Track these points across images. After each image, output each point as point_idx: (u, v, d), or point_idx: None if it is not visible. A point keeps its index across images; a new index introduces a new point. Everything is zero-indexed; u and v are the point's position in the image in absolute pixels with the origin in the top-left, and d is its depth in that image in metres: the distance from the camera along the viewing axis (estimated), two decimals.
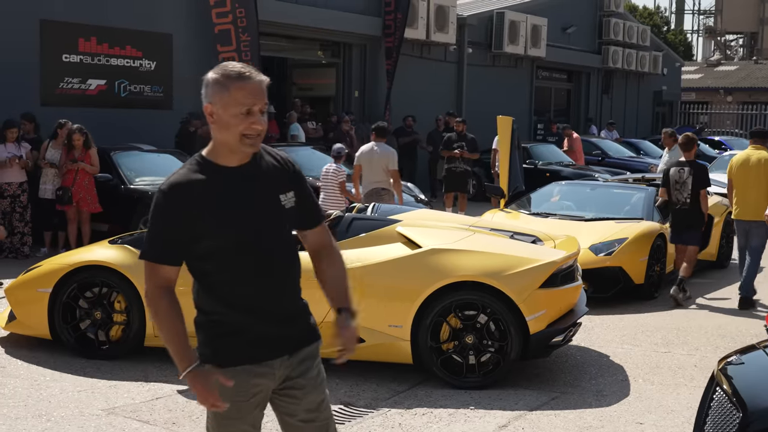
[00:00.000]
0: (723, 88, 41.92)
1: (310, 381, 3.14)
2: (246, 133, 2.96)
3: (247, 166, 3.05)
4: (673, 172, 9.82)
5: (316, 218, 3.25)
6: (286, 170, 3.14)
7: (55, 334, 6.98)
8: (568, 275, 6.63)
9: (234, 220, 3.00)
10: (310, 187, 3.25)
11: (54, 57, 13.90)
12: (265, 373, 3.07)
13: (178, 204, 2.97)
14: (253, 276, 3.02)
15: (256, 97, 2.97)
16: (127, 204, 11.68)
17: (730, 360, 3.88)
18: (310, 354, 3.16)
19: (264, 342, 3.06)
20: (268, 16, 16.31)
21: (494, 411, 5.87)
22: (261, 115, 2.99)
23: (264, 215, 3.05)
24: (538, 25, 24.84)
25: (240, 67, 2.99)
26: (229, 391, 3.01)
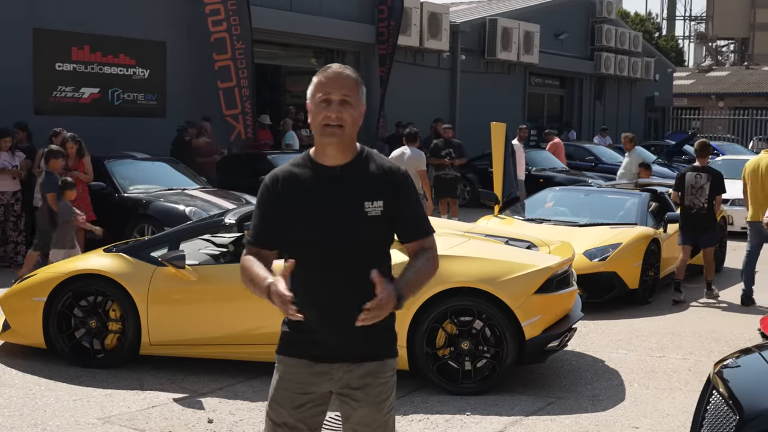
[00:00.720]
0: (714, 94, 42.08)
1: (369, 397, 3.10)
2: (324, 122, 3.01)
3: (343, 167, 3.07)
4: (689, 177, 10.10)
5: (411, 234, 3.18)
6: (383, 179, 3.08)
7: (50, 343, 6.96)
8: (563, 281, 6.64)
9: (310, 218, 3.04)
10: (415, 203, 3.17)
11: (47, 66, 13.90)
12: (323, 373, 3.08)
13: (271, 194, 3.10)
14: (320, 277, 3.03)
15: (333, 86, 3.00)
16: (121, 212, 11.66)
17: (727, 363, 3.89)
18: (374, 370, 3.12)
19: (325, 345, 3.06)
20: (261, 23, 16.34)
21: (490, 417, 5.87)
22: (341, 106, 3.00)
23: (341, 219, 3.04)
24: (531, 32, 24.92)
25: (335, 64, 3.09)
26: (286, 379, 3.09)
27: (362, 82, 3.13)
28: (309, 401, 3.12)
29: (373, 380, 3.12)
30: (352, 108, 3.03)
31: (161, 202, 11.51)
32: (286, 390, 3.11)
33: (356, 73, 3.09)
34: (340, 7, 19.09)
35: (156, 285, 6.78)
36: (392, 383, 3.20)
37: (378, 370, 3.13)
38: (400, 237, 3.19)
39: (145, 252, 7.07)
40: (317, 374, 3.09)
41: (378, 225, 3.06)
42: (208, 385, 6.47)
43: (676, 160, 24.26)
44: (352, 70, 3.10)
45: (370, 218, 3.04)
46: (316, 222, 3.04)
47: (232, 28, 15.37)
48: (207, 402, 6.11)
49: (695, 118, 39.32)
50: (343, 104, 3.01)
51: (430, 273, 3.22)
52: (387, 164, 3.13)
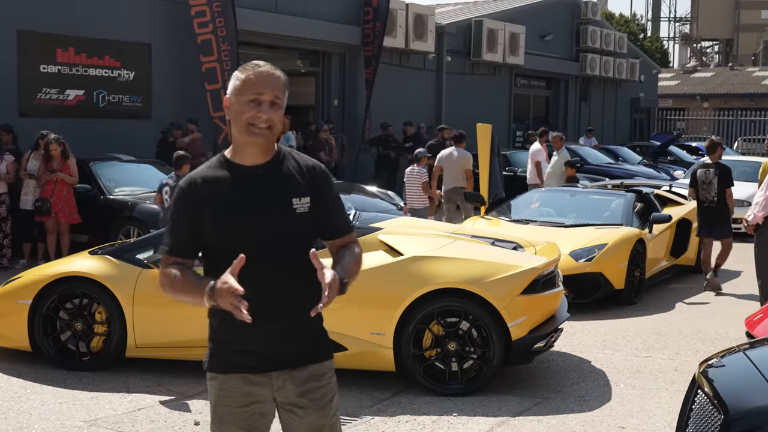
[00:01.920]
0: (699, 95, 42.29)
1: (314, 402, 3.03)
2: (251, 122, 2.94)
3: (264, 165, 3.01)
4: (700, 173, 10.79)
5: (337, 230, 3.13)
6: (306, 175, 3.04)
7: (35, 346, 6.93)
8: (549, 281, 6.66)
9: (237, 220, 2.95)
10: (336, 198, 3.12)
11: (32, 67, 13.82)
12: (261, 382, 3.00)
13: (189, 199, 2.99)
14: (250, 280, 2.83)
15: (265, 86, 2.94)
16: (107, 214, 11.64)
17: (711, 363, 3.91)
18: (316, 373, 3.04)
19: (259, 352, 2.98)
20: (247, 25, 16.30)
21: (477, 417, 5.88)
22: (271, 107, 2.94)
23: (270, 218, 2.97)
24: (516, 33, 24.96)
25: (261, 62, 3.02)
26: (224, 396, 3.01)
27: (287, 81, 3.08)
28: (254, 413, 3.02)
29: (315, 383, 3.04)
30: (279, 110, 2.98)
31: (147, 205, 11.48)
32: (228, 407, 3.01)
33: (284, 74, 3.04)
34: (325, 9, 19.07)
35: (142, 287, 6.77)
36: (333, 384, 3.11)
37: (318, 373, 3.05)
38: (324, 234, 3.11)
39: (131, 254, 7.06)
40: (256, 384, 3.00)
41: (306, 221, 3.01)
42: (195, 388, 6.45)
43: (661, 160, 24.37)
44: (280, 70, 3.04)
45: (299, 215, 2.98)
46: (243, 224, 2.94)
47: (217, 29, 15.33)
48: (193, 404, 6.10)
49: (680, 119, 39.50)
50: (272, 105, 2.95)
51: (359, 266, 3.11)
52: (307, 161, 3.09)
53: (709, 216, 10.70)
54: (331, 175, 3.14)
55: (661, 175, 21.29)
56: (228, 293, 2.76)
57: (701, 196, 10.76)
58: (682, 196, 12.63)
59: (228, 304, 2.78)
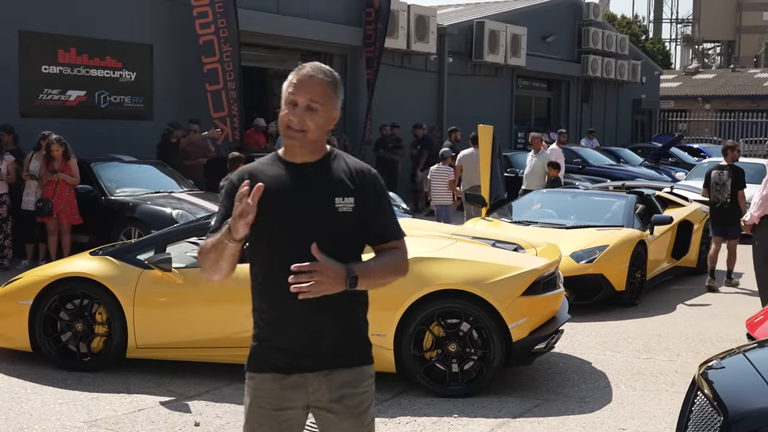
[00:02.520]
0: (701, 96, 42.28)
1: (348, 409, 2.97)
2: (287, 124, 2.94)
3: (314, 164, 3.00)
4: (714, 174, 11.04)
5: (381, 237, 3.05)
6: (355, 177, 3.00)
7: (36, 347, 6.93)
8: (550, 283, 6.66)
9: (280, 215, 2.94)
10: (384, 204, 3.05)
11: (33, 68, 13.83)
12: (297, 384, 2.96)
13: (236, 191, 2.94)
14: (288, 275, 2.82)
15: (302, 89, 2.92)
16: (108, 215, 11.64)
17: (711, 365, 3.91)
18: (351, 379, 2.99)
19: (294, 350, 2.95)
20: (248, 26, 16.30)
21: (478, 419, 5.88)
22: (307, 111, 2.91)
23: (311, 215, 2.94)
24: (518, 35, 24.96)
25: (313, 63, 2.99)
26: (259, 396, 2.99)
27: (338, 84, 3.01)
28: (288, 418, 2.99)
29: (351, 390, 2.98)
30: (317, 115, 2.93)
31: (148, 205, 11.48)
32: (262, 408, 2.99)
33: (331, 76, 2.97)
34: (327, 10, 19.08)
35: (142, 288, 6.77)
36: (371, 393, 3.05)
37: (355, 379, 3.00)
38: (369, 239, 3.05)
39: (132, 255, 7.06)
40: (290, 388, 2.96)
41: (348, 222, 2.96)
42: (195, 389, 6.45)
43: (662, 162, 24.35)
44: (327, 72, 2.98)
45: (341, 214, 2.95)
46: (285, 218, 2.94)
47: (219, 30, 15.34)
48: (194, 405, 6.10)
49: (682, 121, 39.48)
50: (307, 110, 2.92)
51: (396, 271, 3.03)
52: (357, 164, 3.05)
53: (722, 216, 10.95)
54: (381, 180, 3.09)
55: (662, 176, 21.28)
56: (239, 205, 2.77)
57: (713, 197, 11.01)
58: (684, 198, 12.63)
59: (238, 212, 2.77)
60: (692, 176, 18.49)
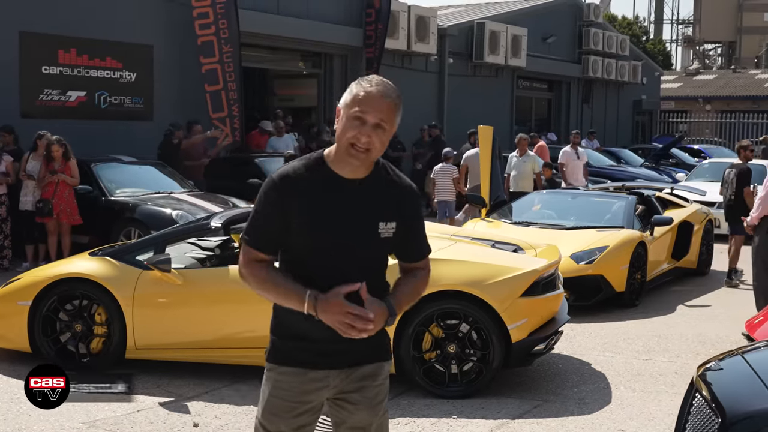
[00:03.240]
0: (702, 97, 42.24)
1: (365, 399, 3.06)
2: (353, 142, 2.90)
3: (360, 180, 2.97)
4: (726, 172, 11.78)
5: (416, 255, 3.14)
6: (398, 198, 3.02)
7: (35, 347, 6.93)
8: (550, 284, 6.65)
9: (321, 231, 2.94)
10: (419, 223, 3.11)
11: (34, 69, 13.83)
12: (319, 379, 3.02)
13: (280, 195, 2.95)
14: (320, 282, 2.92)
15: (372, 107, 2.88)
16: (108, 216, 11.63)
17: (709, 366, 3.91)
18: (371, 373, 3.07)
19: (320, 351, 3.00)
20: (249, 27, 16.31)
21: (477, 420, 5.87)
22: (376, 130, 2.89)
23: (354, 237, 2.96)
24: (519, 35, 24.96)
25: (379, 79, 2.97)
26: (279, 387, 3.01)
27: (401, 102, 2.98)
28: (305, 411, 3.04)
29: (370, 383, 3.07)
30: (383, 133, 2.91)
31: (148, 206, 11.48)
32: (281, 399, 3.02)
33: (397, 94, 2.96)
34: (327, 11, 19.08)
35: (142, 288, 6.77)
36: (387, 386, 3.16)
37: (374, 373, 3.09)
38: (403, 256, 3.13)
39: (131, 255, 7.06)
40: (313, 381, 3.01)
41: (388, 246, 3.03)
42: (194, 389, 6.45)
43: (663, 163, 24.34)
44: (394, 90, 2.96)
45: (383, 240, 2.99)
46: (327, 234, 2.95)
47: (220, 31, 15.34)
48: (193, 406, 6.10)
49: (682, 122, 39.45)
50: (376, 128, 2.89)
51: (422, 292, 3.18)
52: (402, 182, 3.07)
53: (729, 213, 11.49)
54: (419, 197, 3.12)
55: (663, 177, 21.28)
56: (338, 310, 2.84)
57: (722, 194, 11.74)
58: (684, 199, 12.62)
59: (335, 321, 2.85)
60: (693, 177, 18.49)
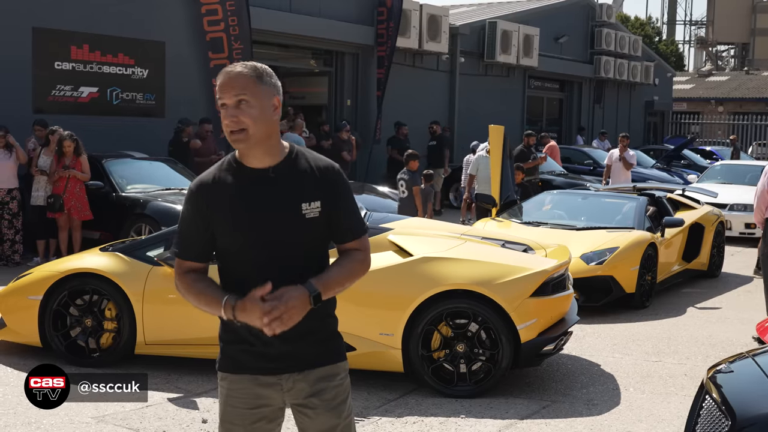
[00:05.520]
0: (714, 99, 42.13)
1: (324, 403, 2.99)
2: (227, 130, 2.87)
3: (274, 168, 2.92)
4: None
5: (347, 235, 3.01)
6: (319, 178, 2.93)
7: (45, 342, 6.96)
8: (559, 284, 6.64)
9: (244, 224, 2.90)
10: (348, 201, 3.00)
11: (46, 64, 13.89)
12: (271, 384, 2.97)
13: (198, 202, 2.95)
14: (256, 284, 2.83)
15: (226, 89, 2.84)
16: (119, 212, 11.66)
17: (720, 368, 3.89)
18: (326, 374, 2.99)
19: (268, 355, 2.95)
20: (260, 24, 16.33)
21: (485, 420, 5.87)
22: (240, 107, 2.82)
23: (278, 222, 2.89)
24: (531, 35, 24.92)
25: (234, 64, 2.92)
26: (233, 396, 2.99)
27: (264, 73, 2.89)
28: (262, 417, 2.99)
29: (327, 384, 2.99)
30: (249, 107, 2.83)
31: (159, 202, 11.51)
32: (236, 407, 2.98)
33: (254, 69, 2.87)
34: (339, 9, 19.09)
35: (151, 284, 6.79)
36: (346, 385, 3.07)
37: (330, 374, 3.00)
38: (334, 237, 3.00)
39: (142, 251, 7.08)
40: (264, 387, 2.96)
41: (316, 227, 2.92)
42: (203, 385, 6.47)
43: (675, 164, 24.26)
44: (249, 66, 2.87)
45: (308, 220, 2.89)
46: (252, 227, 2.89)
47: (230, 28, 15.37)
48: (201, 402, 6.11)
49: (694, 123, 39.34)
50: (238, 106, 2.82)
51: (359, 272, 3.00)
52: (321, 162, 2.97)
53: None
54: (344, 175, 3.03)
55: (674, 178, 21.21)
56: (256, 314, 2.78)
57: None
58: (695, 201, 12.58)
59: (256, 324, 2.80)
60: (704, 179, 18.42)
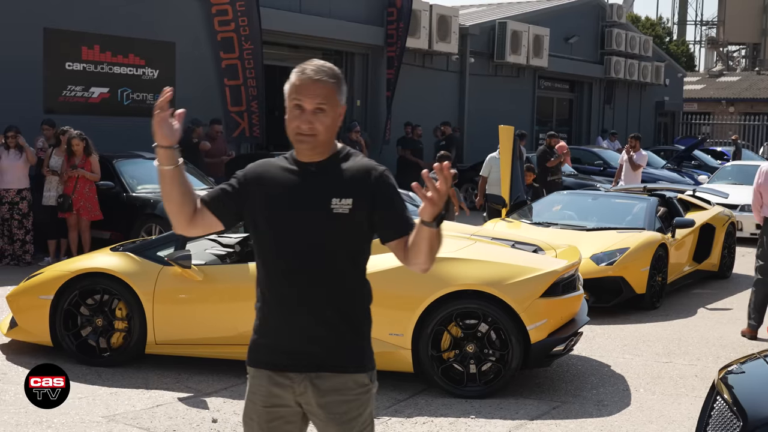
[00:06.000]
0: (725, 99, 41.96)
1: (333, 416, 2.92)
2: (296, 131, 2.91)
3: (318, 164, 2.96)
4: None
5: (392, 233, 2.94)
6: (357, 177, 2.93)
7: (56, 341, 6.98)
8: (570, 285, 6.63)
9: (277, 212, 2.95)
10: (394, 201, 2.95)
11: (57, 65, 13.95)
12: (284, 384, 2.95)
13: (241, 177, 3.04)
14: (280, 278, 2.93)
15: (307, 93, 2.88)
16: (129, 212, 11.70)
17: (731, 369, 3.88)
18: (340, 386, 2.92)
19: (283, 351, 2.95)
20: (270, 25, 16.36)
21: (495, 420, 5.86)
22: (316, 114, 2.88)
23: (308, 215, 2.92)
24: (540, 35, 24.89)
25: (314, 63, 2.94)
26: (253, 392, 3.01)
27: (342, 80, 2.96)
28: (278, 416, 2.97)
29: (336, 397, 2.92)
30: (325, 115, 2.89)
31: None
32: (255, 403, 3.00)
33: (335, 76, 2.92)
34: (349, 9, 19.11)
35: (162, 284, 6.80)
36: (363, 401, 2.95)
37: (343, 386, 2.92)
38: (388, 237, 2.96)
39: (152, 251, 7.09)
40: (279, 385, 2.95)
41: (345, 223, 2.90)
42: (213, 385, 6.48)
43: (685, 165, 24.18)
44: (329, 72, 2.92)
45: (336, 215, 2.88)
46: (281, 216, 2.94)
47: (240, 28, 15.39)
48: (211, 401, 6.12)
49: (705, 123, 39.21)
50: (315, 113, 2.88)
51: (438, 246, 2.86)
52: (362, 163, 2.98)
53: None
54: (389, 176, 3.01)
55: (685, 179, 21.13)
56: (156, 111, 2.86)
57: None
58: (706, 201, 12.53)
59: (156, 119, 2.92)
60: (715, 179, 18.36)
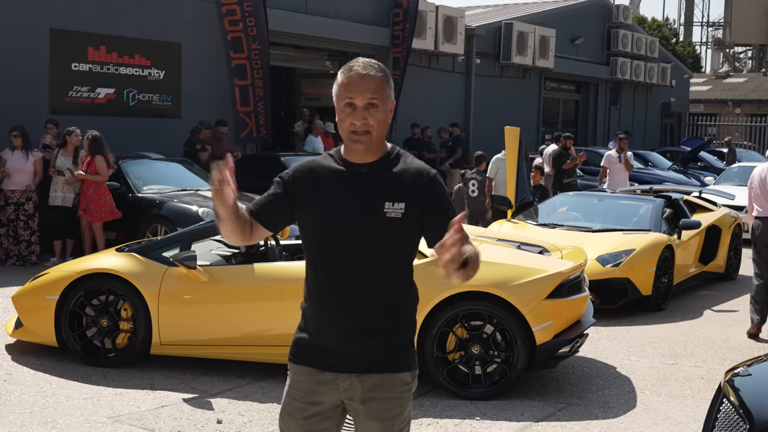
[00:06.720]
0: (731, 100, 41.86)
1: (375, 413, 2.94)
2: (351, 129, 2.89)
3: (370, 165, 2.94)
4: None
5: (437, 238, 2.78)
6: (410, 180, 2.91)
7: (61, 342, 6.99)
8: (575, 286, 6.61)
9: (327, 213, 2.93)
10: (443, 206, 2.93)
11: (63, 66, 13.96)
12: (328, 382, 2.96)
13: (289, 179, 3.00)
14: (328, 278, 2.92)
15: (357, 90, 2.86)
16: (135, 212, 11.71)
17: (738, 371, 3.86)
18: (381, 383, 2.94)
19: (329, 351, 2.95)
20: (277, 25, 16.36)
21: (500, 422, 5.85)
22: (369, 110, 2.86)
23: (359, 218, 2.90)
24: (547, 36, 24.86)
25: (360, 60, 2.94)
26: (293, 387, 3.01)
27: (389, 75, 2.95)
28: (316, 413, 2.99)
29: (380, 394, 2.94)
30: (377, 110, 2.88)
31: (174, 203, 11.54)
32: (295, 399, 3.01)
33: (382, 70, 2.92)
34: (355, 10, 19.11)
35: (167, 285, 6.80)
36: (404, 399, 2.99)
37: (385, 384, 2.94)
38: (429, 242, 2.93)
39: (157, 252, 7.09)
40: (322, 383, 2.96)
41: (396, 227, 2.88)
42: (218, 386, 6.48)
43: (691, 166, 24.13)
44: (377, 67, 2.92)
45: (388, 219, 2.86)
46: (332, 219, 2.92)
47: (248, 29, 15.42)
48: (216, 402, 6.12)
49: (712, 125, 39.12)
50: (368, 109, 2.87)
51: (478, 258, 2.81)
52: (415, 165, 2.96)
53: None
54: (440, 180, 2.99)
55: (691, 180, 21.09)
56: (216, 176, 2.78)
57: None
58: (712, 203, 12.50)
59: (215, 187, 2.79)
60: (721, 181, 18.32)
